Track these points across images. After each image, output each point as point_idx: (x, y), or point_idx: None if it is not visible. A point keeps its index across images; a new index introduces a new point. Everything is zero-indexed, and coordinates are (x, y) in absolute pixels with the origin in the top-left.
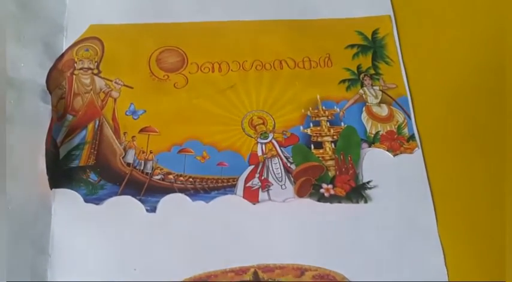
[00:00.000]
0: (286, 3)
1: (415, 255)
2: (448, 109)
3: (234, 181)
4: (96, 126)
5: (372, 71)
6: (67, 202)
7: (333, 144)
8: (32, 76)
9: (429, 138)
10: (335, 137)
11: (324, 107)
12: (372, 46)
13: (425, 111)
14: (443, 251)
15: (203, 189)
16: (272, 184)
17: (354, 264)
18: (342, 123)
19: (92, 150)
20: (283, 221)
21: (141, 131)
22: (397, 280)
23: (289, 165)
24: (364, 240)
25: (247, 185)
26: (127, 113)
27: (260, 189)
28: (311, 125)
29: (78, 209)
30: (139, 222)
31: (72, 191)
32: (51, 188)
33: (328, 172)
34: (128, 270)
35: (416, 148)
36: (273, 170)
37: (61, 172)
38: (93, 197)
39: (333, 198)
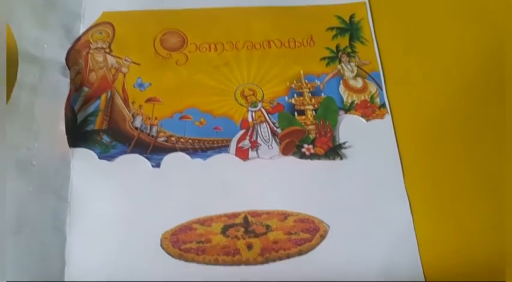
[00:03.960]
0: None
1: (384, 205)
2: (415, 81)
3: (227, 142)
4: (108, 96)
5: (349, 50)
6: (84, 159)
7: (314, 112)
8: (54, 55)
9: (398, 106)
10: (316, 105)
11: (306, 81)
12: (349, 28)
13: (395, 83)
14: (410, 202)
15: (201, 149)
16: (260, 144)
17: (331, 211)
18: (322, 94)
19: (105, 117)
20: (270, 175)
21: (147, 100)
22: (368, 225)
23: (275, 129)
24: (340, 192)
25: (239, 145)
26: (135, 86)
27: (250, 149)
28: (295, 95)
29: (93, 165)
30: (146, 176)
31: (88, 150)
32: (70, 147)
33: (309, 135)
34: (134, 216)
35: (387, 114)
36: (261, 133)
37: (79, 134)
38: (106, 154)
39: (313, 156)
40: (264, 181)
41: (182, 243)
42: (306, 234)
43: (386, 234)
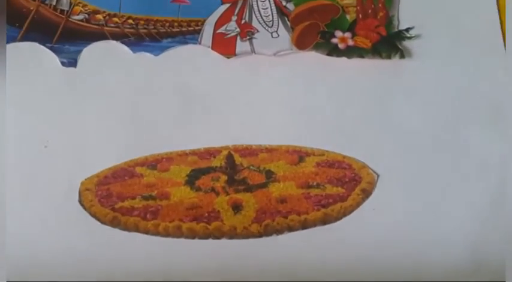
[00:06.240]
0: None
1: (477, 139)
2: None
3: (198, 25)
4: None
5: None
6: None
7: None
8: None
9: None
10: None
11: None
12: None
13: None
14: None
15: (150, 35)
16: (257, 31)
17: (381, 149)
18: None
19: None
20: (273, 83)
21: None
22: (446, 174)
23: (284, 4)
24: (398, 115)
25: (219, 31)
26: None
27: (239, 38)
28: None
29: None
30: (51, 80)
31: None
32: None
33: (345, 15)
34: (35, 146)
35: None
36: (259, 10)
37: None
38: None
39: (352, 52)
40: (263, 94)
41: (117, 198)
42: (337, 187)
43: (479, 189)
